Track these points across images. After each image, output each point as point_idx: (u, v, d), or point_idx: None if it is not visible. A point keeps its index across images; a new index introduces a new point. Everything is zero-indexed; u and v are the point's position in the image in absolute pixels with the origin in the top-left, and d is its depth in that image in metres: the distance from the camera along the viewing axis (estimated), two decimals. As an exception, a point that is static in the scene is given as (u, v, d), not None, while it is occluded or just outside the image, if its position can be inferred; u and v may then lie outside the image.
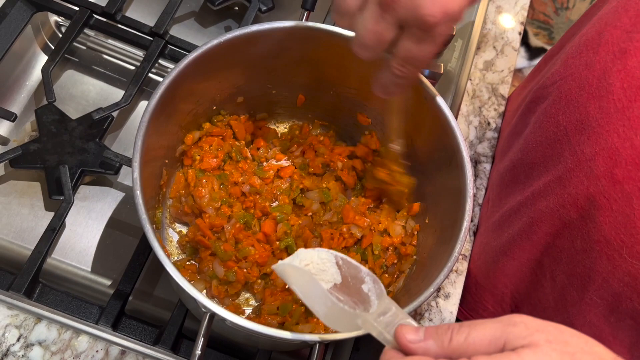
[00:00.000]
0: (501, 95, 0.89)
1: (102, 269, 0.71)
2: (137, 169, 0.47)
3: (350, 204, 0.66)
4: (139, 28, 0.76)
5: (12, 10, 0.74)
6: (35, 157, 0.70)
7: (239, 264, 0.61)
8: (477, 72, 0.90)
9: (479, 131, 0.86)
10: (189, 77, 0.54)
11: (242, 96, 0.66)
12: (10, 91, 0.76)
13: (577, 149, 0.54)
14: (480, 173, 0.83)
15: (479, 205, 0.81)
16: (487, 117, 0.87)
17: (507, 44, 0.93)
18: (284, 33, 0.56)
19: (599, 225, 0.52)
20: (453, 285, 0.76)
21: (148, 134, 0.51)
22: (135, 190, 0.48)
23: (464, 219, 0.51)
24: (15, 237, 0.71)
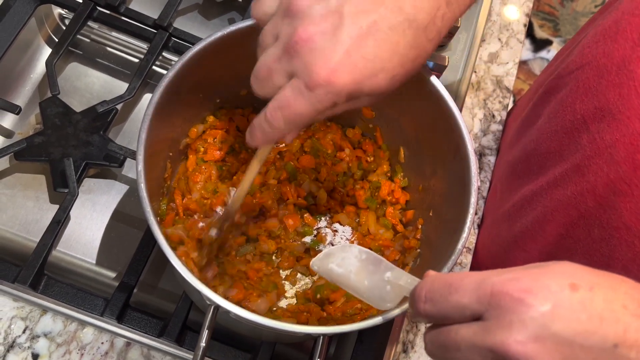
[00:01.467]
0: (506, 88, 0.88)
1: (107, 262, 0.71)
2: (141, 162, 0.47)
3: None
4: (143, 20, 0.76)
5: (16, 3, 0.74)
6: (39, 150, 0.70)
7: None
8: (482, 64, 0.89)
9: (484, 124, 0.85)
10: (192, 70, 0.54)
11: (246, 89, 0.65)
12: (14, 84, 0.77)
13: (596, 136, 0.54)
14: (485, 166, 0.83)
15: (483, 198, 0.81)
16: (492, 110, 0.87)
17: (512, 35, 0.92)
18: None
19: (619, 212, 0.52)
20: (457, 278, 0.76)
21: (152, 126, 0.51)
22: (140, 183, 0.48)
23: (468, 211, 0.51)
24: (20, 229, 0.71)
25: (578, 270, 0.37)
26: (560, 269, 0.36)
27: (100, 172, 0.75)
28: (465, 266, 0.77)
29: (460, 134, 0.54)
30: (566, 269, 0.37)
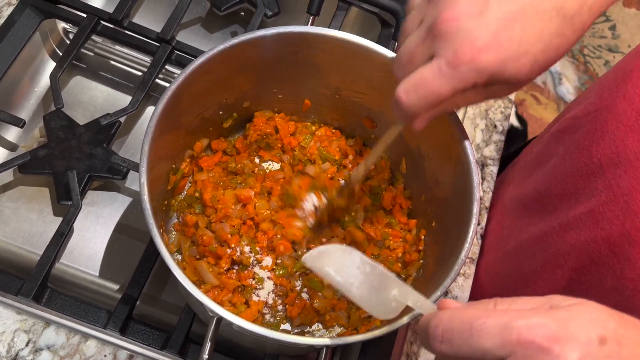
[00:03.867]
0: (507, 98, 0.88)
1: (110, 274, 0.72)
2: (144, 173, 0.48)
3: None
4: (146, 34, 0.77)
5: (21, 18, 0.75)
6: (43, 163, 0.70)
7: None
8: (483, 75, 0.89)
9: (485, 134, 0.86)
10: (195, 83, 0.55)
11: (249, 101, 0.66)
12: (19, 98, 0.77)
13: (612, 182, 0.53)
14: (487, 176, 0.83)
15: (486, 209, 0.81)
16: (494, 120, 0.87)
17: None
18: (289, 38, 0.56)
19: (633, 263, 0.51)
20: (461, 289, 0.76)
21: (155, 138, 0.51)
22: (143, 195, 0.48)
23: (471, 221, 0.51)
24: (24, 242, 0.71)
25: (606, 318, 0.35)
26: (589, 316, 0.35)
27: (103, 185, 0.76)
28: (469, 277, 0.77)
29: (461, 143, 0.54)
30: (595, 316, 0.35)
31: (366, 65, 0.59)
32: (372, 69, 0.59)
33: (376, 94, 0.63)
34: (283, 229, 0.63)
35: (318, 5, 0.64)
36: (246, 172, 0.66)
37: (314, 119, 0.71)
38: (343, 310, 0.64)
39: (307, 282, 0.64)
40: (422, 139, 0.62)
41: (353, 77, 0.62)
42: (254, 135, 0.67)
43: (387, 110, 0.64)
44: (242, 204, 0.64)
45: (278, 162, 0.70)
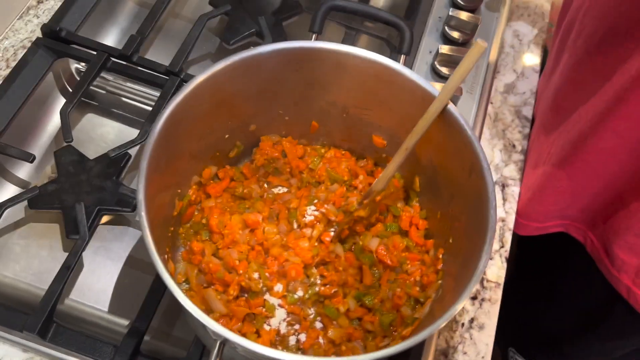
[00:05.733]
0: (524, 117, 0.86)
1: (120, 309, 0.69)
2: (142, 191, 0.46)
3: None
4: (155, 68, 0.78)
5: (34, 57, 0.77)
6: (53, 198, 0.70)
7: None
8: (497, 95, 0.87)
9: (504, 154, 0.83)
10: (195, 104, 0.54)
11: (255, 124, 0.65)
12: (31, 136, 0.78)
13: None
14: (509, 197, 0.79)
15: (509, 230, 0.77)
16: (512, 140, 0.84)
17: (528, 67, 0.91)
18: (289, 54, 0.55)
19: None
20: (487, 316, 0.71)
21: (154, 157, 0.50)
22: (140, 211, 0.46)
23: (487, 227, 0.48)
24: (33, 279, 0.70)
25: None
26: None
27: (114, 219, 0.74)
28: (495, 302, 0.72)
29: (473, 150, 0.52)
30: None
31: (371, 79, 0.58)
32: (379, 83, 0.58)
33: (385, 109, 0.61)
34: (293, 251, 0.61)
35: (320, 24, 0.64)
36: (254, 196, 0.65)
37: (322, 141, 0.69)
38: (360, 340, 0.60)
39: (321, 310, 0.61)
40: (433, 152, 0.59)
41: (360, 93, 0.61)
42: (261, 159, 0.66)
43: (397, 126, 0.62)
44: (250, 229, 0.62)
45: (287, 187, 0.68)
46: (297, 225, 0.63)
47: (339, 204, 0.64)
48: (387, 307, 0.60)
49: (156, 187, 0.52)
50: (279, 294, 0.61)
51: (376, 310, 0.60)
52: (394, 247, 0.64)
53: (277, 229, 0.63)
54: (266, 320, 0.60)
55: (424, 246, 0.64)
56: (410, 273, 0.62)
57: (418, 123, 0.55)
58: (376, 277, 0.63)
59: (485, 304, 0.72)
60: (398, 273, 0.63)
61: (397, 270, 0.63)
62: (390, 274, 0.63)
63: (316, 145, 0.70)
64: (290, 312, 0.61)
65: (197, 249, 0.61)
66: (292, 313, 0.61)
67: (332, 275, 0.62)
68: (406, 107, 0.58)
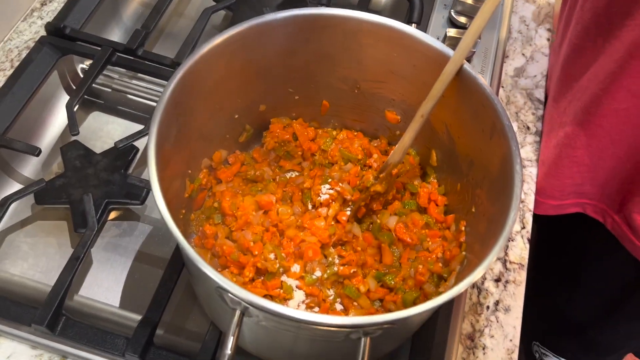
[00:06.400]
0: (537, 99, 0.84)
1: (131, 304, 0.67)
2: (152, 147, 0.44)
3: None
4: (160, 61, 0.77)
5: (39, 55, 0.76)
6: (60, 192, 0.68)
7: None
8: (508, 79, 0.86)
9: (519, 136, 0.81)
10: (206, 70, 0.53)
11: (264, 104, 0.63)
12: (37, 134, 0.77)
13: None
14: (527, 178, 0.77)
15: (530, 211, 0.74)
16: (526, 122, 0.82)
17: (537, 50, 0.90)
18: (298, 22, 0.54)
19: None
20: (513, 298, 0.68)
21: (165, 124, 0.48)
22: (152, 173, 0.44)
23: (514, 185, 0.45)
24: (41, 277, 0.68)
25: None
26: None
27: (122, 215, 0.73)
28: (520, 284, 0.69)
29: (493, 108, 0.50)
30: None
31: (383, 46, 0.56)
32: (390, 50, 0.57)
33: (398, 79, 0.59)
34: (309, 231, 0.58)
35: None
36: (266, 178, 0.63)
37: (334, 123, 0.68)
38: (383, 321, 0.58)
39: (340, 290, 0.59)
40: (451, 118, 0.58)
41: (371, 64, 0.59)
42: (272, 142, 0.64)
43: (411, 97, 0.60)
44: (264, 210, 0.60)
45: (299, 171, 0.66)
46: (312, 205, 0.61)
47: (354, 183, 0.62)
48: (410, 285, 0.58)
49: (166, 160, 0.50)
50: (297, 274, 0.58)
51: (398, 289, 0.58)
52: (413, 224, 0.61)
53: (291, 210, 0.61)
54: (284, 303, 0.57)
55: (444, 222, 0.61)
56: (432, 250, 0.60)
57: (433, 87, 0.53)
58: (396, 256, 0.60)
59: (509, 285, 0.69)
60: (419, 251, 0.60)
61: (418, 248, 0.61)
62: (410, 253, 0.60)
63: (327, 127, 0.68)
64: (309, 294, 0.58)
65: (210, 233, 0.59)
66: (310, 294, 0.58)
67: (351, 255, 0.60)
68: (420, 74, 0.56)
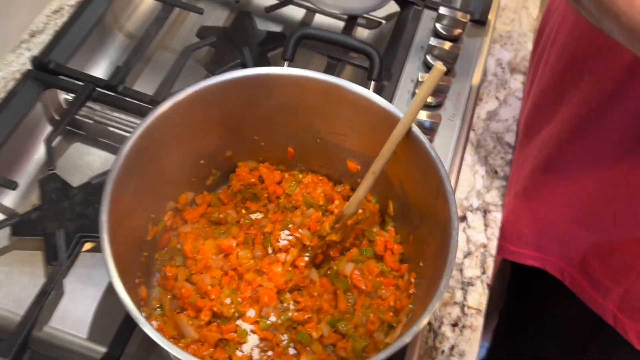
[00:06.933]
0: (507, 144, 0.86)
1: (99, 336, 0.69)
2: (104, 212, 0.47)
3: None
4: (140, 98, 0.79)
5: (24, 88, 0.79)
6: (35, 225, 0.71)
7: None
8: (480, 122, 0.88)
9: (486, 180, 0.83)
10: (163, 130, 0.55)
11: (230, 149, 0.66)
12: (18, 164, 0.79)
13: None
14: (491, 222, 0.79)
15: (491, 256, 0.76)
16: (494, 166, 0.84)
17: (511, 94, 0.92)
18: (256, 80, 0.57)
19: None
20: (468, 343, 0.70)
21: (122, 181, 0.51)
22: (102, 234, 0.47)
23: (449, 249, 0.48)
24: (13, 306, 0.70)
25: None
26: None
27: (97, 247, 0.75)
28: (476, 329, 0.71)
29: (437, 173, 0.52)
30: None
31: (341, 105, 0.59)
32: (348, 108, 0.59)
33: (355, 134, 0.62)
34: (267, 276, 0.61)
35: (292, 51, 0.65)
36: (229, 221, 0.65)
37: (300, 167, 0.70)
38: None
39: (294, 336, 0.61)
40: (403, 176, 0.60)
41: (330, 118, 0.62)
42: (238, 185, 0.67)
43: (369, 151, 0.63)
44: (224, 254, 0.63)
45: (265, 213, 0.69)
46: (272, 250, 0.64)
47: (314, 228, 0.64)
48: (361, 333, 0.60)
49: (125, 210, 0.52)
50: (252, 319, 0.60)
51: (349, 336, 0.60)
52: (369, 271, 0.63)
53: (251, 254, 0.63)
54: (238, 346, 0.60)
55: (398, 271, 0.64)
56: (385, 298, 0.62)
57: (384, 146, 0.55)
58: (351, 303, 0.62)
59: (466, 330, 0.71)
60: (372, 298, 0.63)
61: (372, 296, 0.63)
62: (365, 299, 0.62)
63: (294, 170, 0.70)
64: (262, 338, 0.60)
65: (171, 274, 0.61)
66: (264, 339, 0.60)
67: (307, 300, 0.62)
68: (375, 132, 0.58)
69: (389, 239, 0.65)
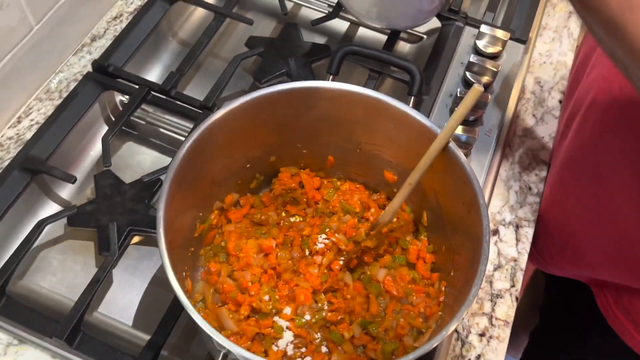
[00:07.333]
0: (542, 161, 0.88)
1: (143, 325, 0.74)
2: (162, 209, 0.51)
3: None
4: (190, 102, 0.84)
5: (84, 89, 0.85)
6: (89, 217, 0.76)
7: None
8: (516, 138, 0.90)
9: (520, 196, 0.85)
10: (216, 135, 0.59)
11: (275, 155, 0.70)
12: (76, 160, 0.85)
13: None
14: (522, 237, 0.81)
15: (521, 270, 0.78)
16: (528, 182, 0.86)
17: (548, 112, 0.93)
18: (302, 93, 0.60)
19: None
20: (495, 353, 0.72)
21: (176, 183, 0.55)
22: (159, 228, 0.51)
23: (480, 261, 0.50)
24: (66, 292, 0.76)
25: None
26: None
27: (144, 240, 0.80)
28: (503, 340, 0.73)
29: (472, 187, 0.55)
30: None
31: (381, 118, 0.62)
32: (388, 122, 0.62)
33: (394, 146, 0.65)
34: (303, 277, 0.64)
35: (337, 66, 0.69)
36: (271, 222, 0.69)
37: (339, 175, 0.73)
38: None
39: (327, 335, 0.64)
40: (438, 188, 0.63)
41: (371, 130, 0.65)
42: (279, 189, 0.70)
43: (406, 163, 0.66)
44: (264, 253, 0.66)
45: (303, 216, 0.72)
46: (309, 252, 0.67)
47: (349, 234, 0.67)
48: (391, 336, 0.63)
49: (178, 208, 0.56)
50: (288, 316, 0.64)
51: (380, 339, 0.63)
52: (401, 278, 0.66)
53: (289, 255, 0.67)
54: (274, 341, 0.63)
55: (429, 279, 0.66)
56: (415, 304, 0.65)
57: (421, 160, 0.58)
58: (382, 307, 0.65)
59: (493, 341, 0.73)
60: (403, 304, 0.65)
61: (403, 301, 0.66)
62: (395, 304, 0.65)
63: (333, 178, 0.74)
64: (297, 335, 0.64)
65: (214, 270, 0.65)
66: (299, 336, 0.64)
67: (340, 302, 0.65)
68: (413, 145, 0.61)
69: (421, 248, 0.67)
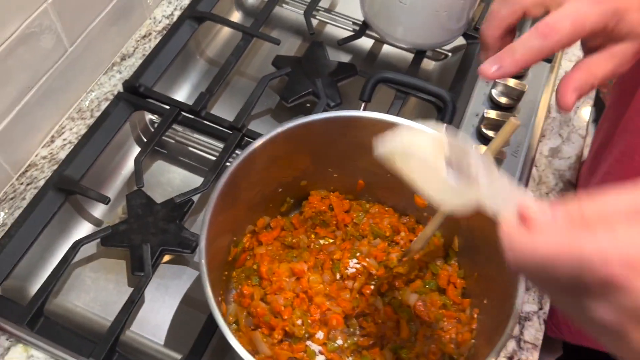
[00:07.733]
0: (568, 181, 0.88)
1: (175, 344, 0.75)
2: (203, 240, 0.52)
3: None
4: (220, 123, 0.85)
5: (115, 109, 0.86)
6: (122, 237, 0.78)
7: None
8: (542, 158, 0.90)
9: (547, 217, 0.85)
10: (254, 163, 0.60)
11: (306, 180, 0.71)
12: (107, 179, 0.87)
13: None
14: (550, 259, 0.81)
15: (549, 292, 0.78)
16: (555, 203, 0.86)
17: (574, 131, 0.93)
18: (335, 122, 0.61)
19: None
20: (523, 377, 0.73)
21: (216, 212, 0.56)
22: (201, 260, 0.52)
23: (517, 292, 0.51)
24: (100, 310, 0.77)
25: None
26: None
27: (174, 259, 0.81)
28: (532, 364, 0.73)
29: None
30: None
31: (414, 146, 0.63)
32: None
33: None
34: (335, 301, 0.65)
35: (369, 93, 0.70)
36: (301, 246, 0.70)
37: (368, 197, 0.74)
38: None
39: (359, 359, 0.65)
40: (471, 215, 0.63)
41: (403, 157, 0.65)
42: (309, 212, 0.71)
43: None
44: (296, 277, 0.67)
45: (333, 239, 0.73)
46: (340, 276, 0.68)
47: (380, 258, 0.68)
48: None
49: (215, 234, 0.58)
50: (320, 341, 0.65)
51: None
52: (432, 303, 0.67)
53: (321, 279, 0.68)
54: None
55: (460, 305, 0.67)
56: (446, 330, 0.65)
57: None
58: (413, 332, 0.66)
59: (521, 364, 0.73)
60: (434, 329, 0.66)
61: (434, 327, 0.66)
62: (426, 330, 0.66)
63: (362, 200, 0.74)
64: (329, 359, 0.65)
65: (247, 293, 0.66)
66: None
67: (371, 327, 0.66)
68: (446, 173, 0.62)
69: (452, 273, 0.68)
